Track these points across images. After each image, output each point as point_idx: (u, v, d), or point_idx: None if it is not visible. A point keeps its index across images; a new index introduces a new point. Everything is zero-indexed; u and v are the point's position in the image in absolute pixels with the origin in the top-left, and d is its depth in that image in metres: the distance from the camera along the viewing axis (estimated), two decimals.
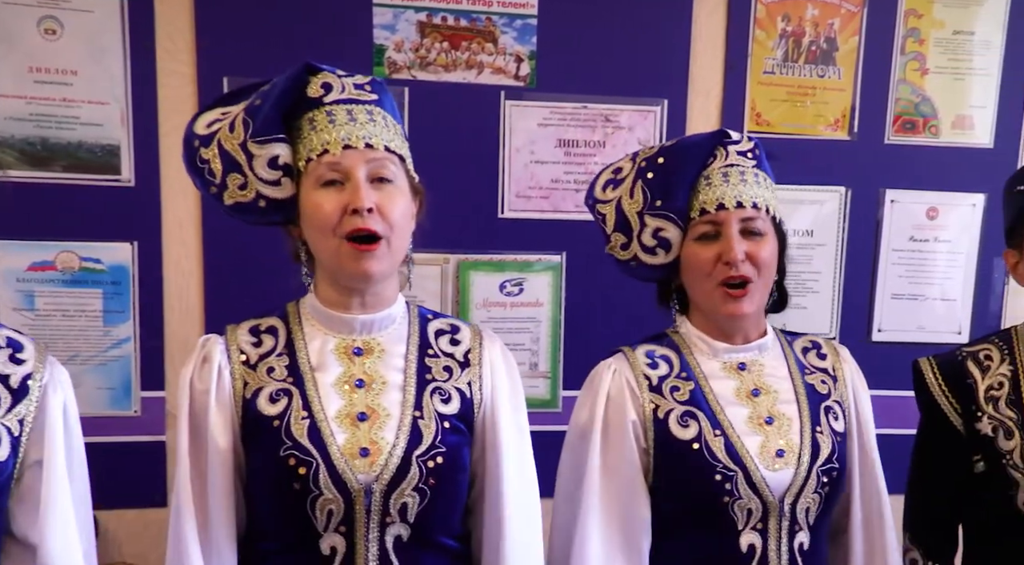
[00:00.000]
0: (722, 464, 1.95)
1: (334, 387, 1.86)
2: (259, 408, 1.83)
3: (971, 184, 3.30)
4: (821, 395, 2.09)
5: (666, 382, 2.04)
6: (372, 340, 1.92)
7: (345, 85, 1.86)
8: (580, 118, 3.07)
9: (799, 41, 3.14)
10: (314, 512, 1.78)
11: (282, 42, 2.87)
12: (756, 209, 2.00)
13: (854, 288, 3.31)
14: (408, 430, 1.85)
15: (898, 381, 3.06)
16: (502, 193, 3.07)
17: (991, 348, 2.29)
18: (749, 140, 2.11)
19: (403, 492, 1.82)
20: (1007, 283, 3.34)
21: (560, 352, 3.15)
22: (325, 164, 1.80)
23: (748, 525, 1.97)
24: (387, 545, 1.83)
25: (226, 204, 1.86)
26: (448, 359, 1.97)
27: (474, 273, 3.08)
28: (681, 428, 1.99)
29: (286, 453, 1.78)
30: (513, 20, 2.99)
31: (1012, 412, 2.17)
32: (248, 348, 1.88)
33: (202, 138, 1.86)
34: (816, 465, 1.99)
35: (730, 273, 1.97)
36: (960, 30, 3.22)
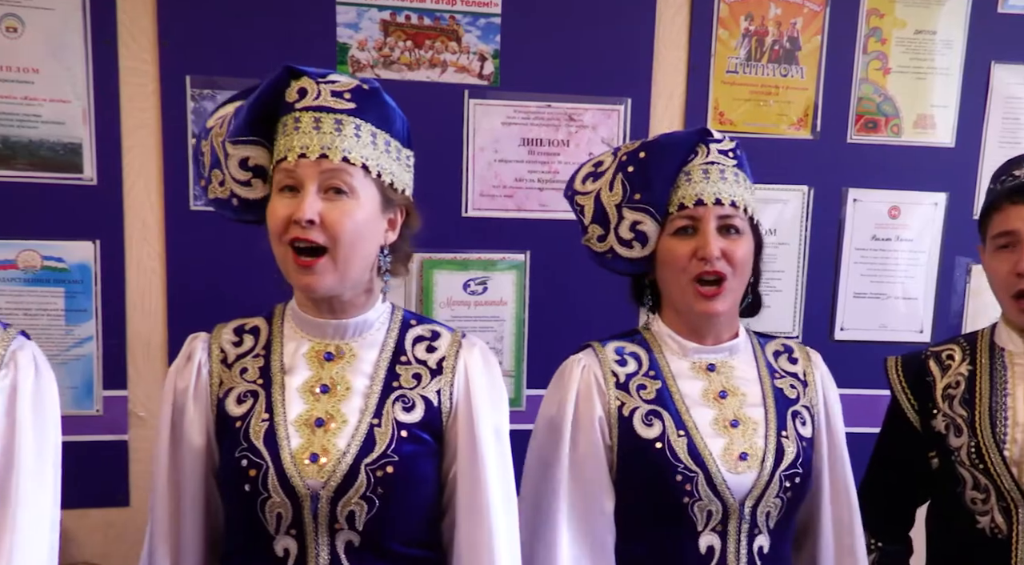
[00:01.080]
0: (683, 465, 1.99)
1: (299, 391, 1.88)
2: (227, 408, 1.87)
3: (933, 183, 3.36)
4: (789, 400, 2.14)
5: (633, 380, 2.09)
6: (344, 345, 1.94)
7: (321, 91, 1.82)
8: (544, 117, 3.12)
9: (762, 40, 3.20)
10: (264, 514, 1.81)
11: (245, 40, 2.91)
12: (734, 207, 2.04)
13: (817, 287, 3.37)
14: (362, 438, 1.86)
15: (860, 380, 3.16)
16: (466, 192, 3.12)
17: (955, 348, 2.38)
18: (731, 140, 2.15)
19: (350, 500, 1.83)
20: (968, 282, 3.40)
21: (524, 351, 3.21)
22: (283, 171, 1.80)
23: (708, 526, 2.01)
24: (338, 550, 1.85)
25: (208, 198, 1.93)
26: (420, 366, 1.96)
27: (438, 272, 3.12)
28: (645, 427, 2.03)
29: (240, 454, 1.82)
30: (477, 19, 3.04)
31: (964, 410, 2.25)
32: (228, 347, 1.93)
33: (205, 131, 1.92)
34: (779, 469, 2.03)
35: (705, 268, 2.01)
36: (922, 29, 3.27)
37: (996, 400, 2.24)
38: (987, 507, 2.21)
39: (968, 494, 2.24)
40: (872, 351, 3.27)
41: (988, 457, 2.19)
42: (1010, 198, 2.19)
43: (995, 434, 2.20)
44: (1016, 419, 2.20)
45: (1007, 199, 2.20)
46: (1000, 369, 2.28)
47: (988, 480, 2.19)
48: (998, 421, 2.21)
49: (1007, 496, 2.17)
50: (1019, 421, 2.20)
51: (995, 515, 2.20)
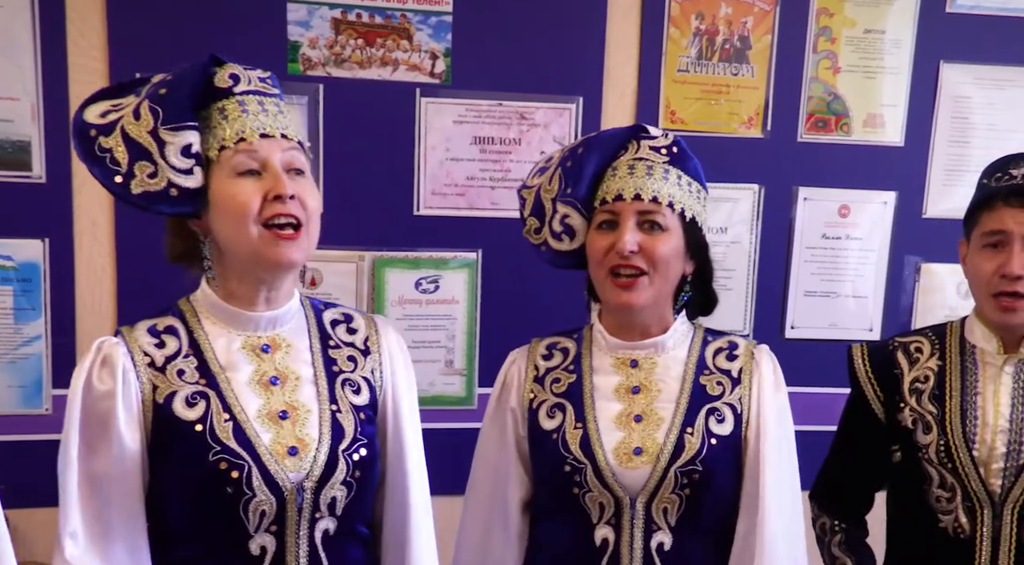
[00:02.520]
0: (572, 456, 2.10)
1: (249, 386, 1.91)
2: (176, 413, 1.84)
3: (882, 182, 3.43)
4: (709, 396, 2.17)
5: (551, 373, 2.21)
6: (277, 336, 1.98)
7: (251, 78, 1.92)
8: (495, 116, 3.20)
9: (713, 39, 3.28)
10: (246, 514, 1.83)
11: (195, 38, 2.95)
12: (656, 203, 2.09)
13: (767, 285, 3.44)
14: (329, 425, 1.93)
15: (810, 378, 3.24)
16: (418, 190, 3.19)
17: (923, 341, 2.41)
18: (669, 137, 2.20)
19: (332, 486, 1.90)
20: (917, 281, 3.49)
21: (476, 349, 3.28)
22: (243, 153, 1.84)
23: (602, 519, 2.10)
24: (316, 540, 1.91)
25: (134, 193, 1.84)
26: (350, 349, 2.06)
27: (389, 270, 3.19)
28: (548, 419, 2.16)
29: (216, 457, 1.82)
30: (428, 17, 3.10)
31: (933, 407, 2.30)
32: (151, 349, 1.89)
33: (99, 127, 1.86)
34: (675, 465, 2.08)
35: (619, 262, 2.07)
36: (871, 29, 3.35)
37: (967, 399, 2.28)
38: (952, 506, 2.26)
39: (933, 492, 2.29)
40: (822, 349, 3.36)
41: (957, 456, 2.24)
42: (1006, 199, 2.20)
43: (965, 433, 2.25)
44: (985, 419, 2.25)
45: (1002, 199, 2.21)
46: (971, 367, 2.32)
47: (955, 479, 2.25)
48: (968, 420, 2.26)
49: (973, 497, 2.23)
50: (988, 422, 2.25)
51: (959, 515, 2.25)
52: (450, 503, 3.25)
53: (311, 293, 3.07)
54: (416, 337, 3.23)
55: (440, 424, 3.22)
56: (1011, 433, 2.23)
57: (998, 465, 2.22)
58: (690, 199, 2.16)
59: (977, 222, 2.27)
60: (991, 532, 2.23)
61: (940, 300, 3.47)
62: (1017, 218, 2.18)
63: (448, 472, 3.14)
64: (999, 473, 2.22)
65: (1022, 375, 2.27)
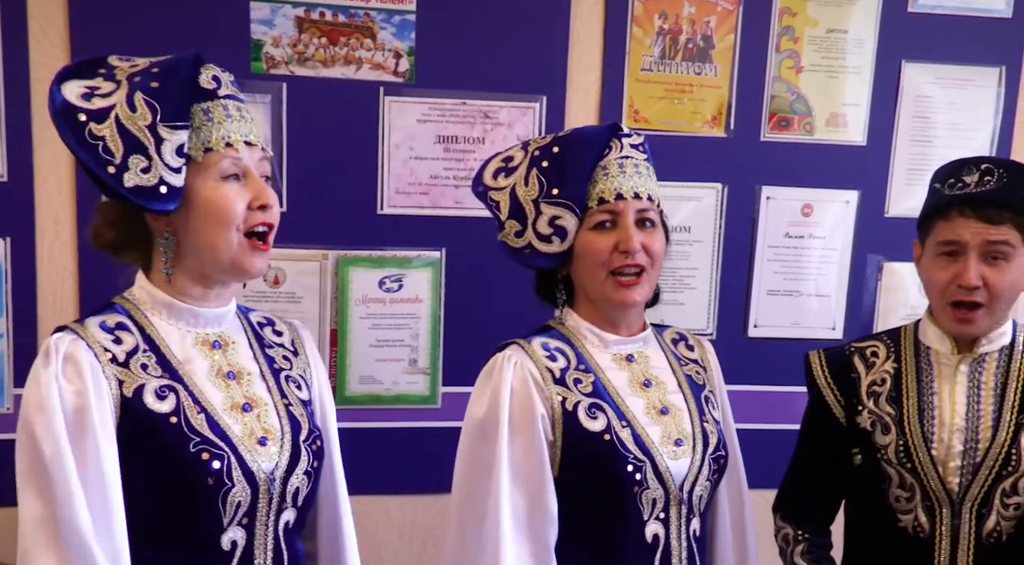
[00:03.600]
0: (632, 455, 2.11)
1: (209, 379, 1.96)
2: (148, 406, 1.86)
3: (845, 181, 3.49)
4: (699, 385, 2.31)
5: (568, 374, 2.19)
6: (223, 333, 2.03)
7: (226, 82, 1.98)
8: (459, 114, 3.24)
9: (676, 39, 3.32)
10: (224, 506, 1.87)
11: (158, 36, 2.97)
12: (651, 201, 2.18)
13: (731, 284, 3.49)
14: (287, 417, 2.02)
15: (773, 376, 3.31)
16: (381, 189, 3.22)
17: (879, 345, 2.49)
18: (638, 135, 2.28)
19: (297, 476, 1.99)
20: (880, 279, 3.55)
21: (439, 348, 3.31)
22: (229, 158, 1.91)
23: (652, 515, 2.14)
24: (279, 532, 1.99)
25: (126, 186, 1.84)
26: (281, 349, 2.14)
27: (353, 269, 3.22)
28: (590, 420, 2.13)
29: (197, 448, 1.85)
30: (392, 16, 3.14)
31: (891, 408, 2.38)
32: (110, 345, 1.89)
33: (91, 112, 1.85)
34: (708, 453, 2.19)
35: (626, 261, 2.13)
36: (834, 28, 3.40)
37: (924, 399, 2.36)
38: (911, 506, 2.34)
39: (893, 492, 2.36)
40: (785, 348, 3.42)
41: (916, 456, 2.31)
42: (960, 209, 2.25)
43: (924, 433, 2.32)
44: (943, 419, 2.33)
45: (956, 209, 2.25)
46: (926, 368, 2.39)
47: (914, 479, 2.32)
48: (926, 420, 2.33)
49: (932, 495, 2.30)
50: (945, 421, 2.32)
51: (919, 514, 2.32)
52: (414, 502, 3.33)
53: (275, 292, 3.14)
54: (380, 336, 3.27)
55: (404, 423, 3.29)
56: (967, 431, 2.31)
57: (955, 463, 2.30)
58: (660, 194, 2.27)
59: (931, 229, 2.33)
60: (950, 531, 2.31)
61: (902, 299, 3.52)
62: (972, 228, 2.23)
63: (412, 471, 3.23)
64: (957, 471, 2.30)
65: (976, 374, 2.34)
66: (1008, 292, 2.26)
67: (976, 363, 2.35)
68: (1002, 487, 2.28)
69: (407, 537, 3.27)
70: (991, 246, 2.23)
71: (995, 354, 2.36)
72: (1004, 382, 2.34)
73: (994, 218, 2.22)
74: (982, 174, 2.27)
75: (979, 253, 2.24)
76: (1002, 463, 2.28)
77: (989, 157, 2.50)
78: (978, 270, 2.23)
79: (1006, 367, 2.36)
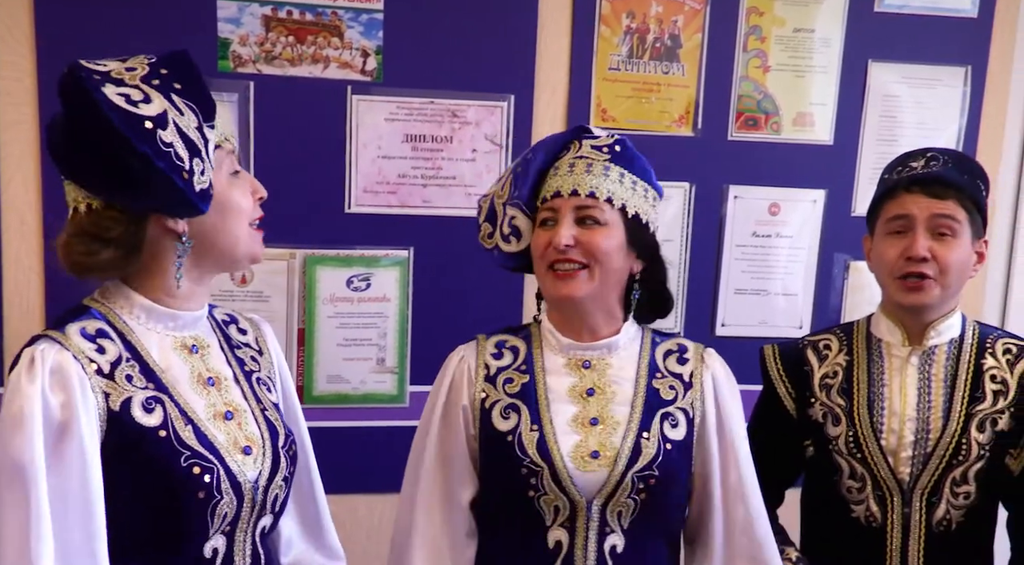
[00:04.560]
0: (529, 459, 2.15)
1: (190, 386, 1.94)
2: (137, 420, 1.83)
3: (812, 180, 3.55)
4: (663, 401, 2.24)
5: (503, 373, 2.26)
6: (198, 335, 2.01)
7: None
8: (427, 113, 3.28)
9: (643, 38, 3.38)
10: (212, 518, 1.87)
11: (125, 35, 3.01)
12: (593, 198, 2.16)
13: (698, 283, 3.54)
14: (265, 424, 2.02)
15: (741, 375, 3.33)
16: (349, 188, 3.27)
17: (832, 338, 2.57)
18: (612, 136, 2.28)
19: (277, 484, 2.01)
20: (847, 278, 3.62)
21: (407, 347, 3.37)
22: (230, 155, 1.97)
23: (556, 522, 2.17)
24: (256, 539, 2.00)
25: (196, 191, 1.82)
26: (248, 349, 2.14)
27: (321, 268, 3.27)
28: (502, 420, 2.21)
29: (188, 463, 1.84)
30: (359, 15, 3.19)
31: (842, 400, 2.45)
32: (95, 355, 1.84)
33: (154, 119, 1.78)
34: (632, 470, 2.15)
35: (557, 256, 2.15)
36: (801, 28, 3.46)
37: (874, 390, 2.43)
38: (863, 496, 2.42)
39: (844, 483, 2.44)
40: (753, 346, 3.31)
41: (866, 446, 2.40)
42: (907, 187, 2.36)
43: (873, 424, 2.40)
44: (893, 409, 2.41)
45: (904, 188, 2.37)
46: (877, 360, 2.47)
47: (865, 469, 2.40)
48: (876, 411, 2.41)
49: (883, 485, 2.39)
50: (896, 411, 2.40)
51: (870, 504, 2.41)
52: (382, 501, 3.38)
53: (242, 291, 3.18)
54: (347, 335, 3.32)
55: (372, 422, 3.36)
56: (918, 422, 2.39)
57: (906, 453, 2.38)
58: (634, 197, 2.22)
59: (880, 212, 2.44)
60: (901, 519, 2.40)
61: (868, 297, 3.54)
62: (919, 203, 2.34)
63: (380, 470, 3.27)
64: (907, 461, 2.38)
65: (926, 366, 2.43)
66: (955, 268, 2.35)
67: (926, 355, 2.44)
68: (952, 476, 2.36)
69: (375, 536, 3.31)
70: (938, 219, 2.33)
71: (944, 346, 2.44)
72: (954, 374, 2.42)
73: (940, 193, 2.34)
74: (928, 160, 2.41)
75: (927, 227, 2.34)
76: (952, 453, 2.36)
77: (935, 148, 2.57)
78: (926, 243, 2.32)
79: (955, 359, 2.43)
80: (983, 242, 2.43)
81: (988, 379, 2.42)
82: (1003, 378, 2.42)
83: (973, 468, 2.37)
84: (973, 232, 2.37)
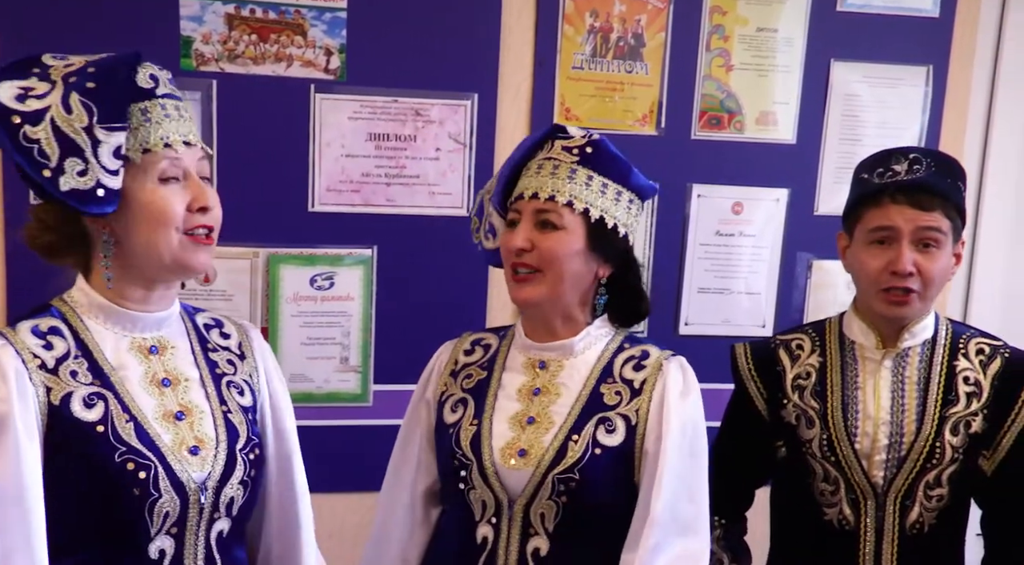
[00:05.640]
0: (461, 451, 2.24)
1: (142, 386, 1.95)
2: (75, 414, 1.86)
3: (775, 179, 3.60)
4: (604, 405, 2.23)
5: (466, 369, 2.36)
6: (162, 337, 2.04)
7: (164, 80, 1.97)
8: (391, 112, 3.32)
9: (607, 37, 3.42)
10: (150, 516, 1.88)
11: (85, 33, 3.04)
12: (552, 202, 2.18)
13: (662, 282, 3.57)
14: (224, 425, 2.02)
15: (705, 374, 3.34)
16: (312, 187, 3.31)
17: (804, 338, 2.58)
18: (584, 138, 2.27)
19: (231, 486, 2.00)
20: (809, 277, 3.68)
21: (371, 346, 3.41)
22: (168, 159, 1.90)
23: (484, 518, 2.23)
24: (211, 541, 2.00)
25: (62, 190, 1.82)
26: (227, 353, 2.15)
27: (284, 267, 3.31)
28: (451, 413, 2.32)
29: (122, 458, 1.86)
30: (322, 13, 3.23)
31: (815, 402, 2.46)
32: (40, 351, 1.89)
33: (24, 114, 1.82)
34: (554, 471, 2.17)
35: (514, 260, 2.20)
36: (764, 27, 3.51)
37: (848, 393, 2.44)
38: (836, 499, 2.43)
39: (818, 486, 2.45)
40: (716, 345, 3.39)
41: (840, 450, 2.40)
42: (892, 196, 2.32)
43: (847, 427, 2.40)
44: (867, 412, 2.41)
45: (889, 196, 2.32)
46: (851, 362, 2.47)
47: (838, 472, 2.41)
48: (850, 414, 2.41)
49: (856, 488, 2.40)
50: (870, 415, 2.40)
51: (843, 507, 2.42)
52: (345, 500, 3.42)
53: (206, 290, 3.18)
54: (311, 334, 3.37)
55: (335, 421, 3.40)
56: (892, 425, 2.39)
57: (880, 457, 2.39)
58: (602, 200, 2.23)
59: (861, 217, 2.40)
60: (875, 523, 2.41)
61: (832, 296, 3.65)
62: (905, 215, 2.31)
63: (343, 469, 3.31)
64: (881, 465, 2.39)
65: (900, 369, 2.43)
66: (939, 279, 2.35)
67: (900, 357, 2.44)
68: (926, 479, 2.38)
69: (337, 536, 3.33)
70: (923, 232, 2.31)
71: (918, 348, 2.44)
72: (927, 376, 2.42)
73: (926, 204, 2.31)
74: (911, 163, 2.35)
75: (911, 240, 2.31)
76: (927, 456, 2.37)
77: (915, 147, 2.62)
78: (911, 257, 2.30)
79: (928, 361, 2.44)
80: (960, 243, 2.42)
81: (961, 381, 2.42)
82: (976, 380, 2.42)
83: (947, 471, 2.39)
84: (954, 238, 2.37)
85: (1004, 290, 3.91)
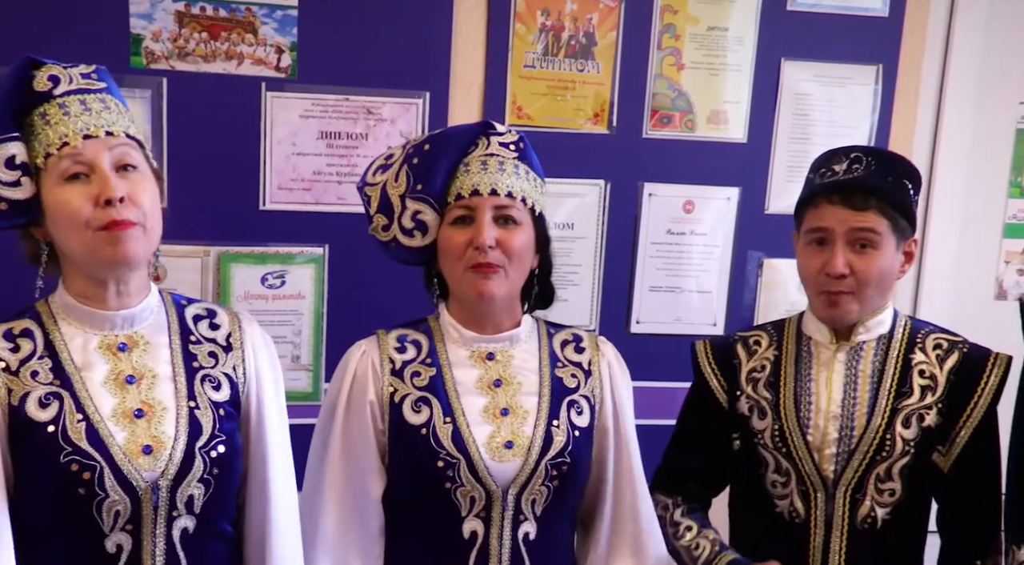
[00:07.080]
0: (445, 451, 2.25)
1: (104, 385, 2.00)
2: (29, 414, 1.93)
3: (726, 178, 3.67)
4: (568, 389, 2.38)
5: (409, 367, 2.35)
6: (135, 334, 2.08)
7: (72, 76, 1.99)
8: (342, 110, 3.37)
9: (559, 35, 3.47)
10: (100, 514, 1.93)
11: (33, 31, 3.06)
12: (511, 198, 2.26)
13: (613, 280, 3.64)
14: (187, 422, 2.04)
15: (656, 372, 3.48)
16: (263, 185, 3.34)
17: (763, 335, 2.67)
18: (515, 133, 2.36)
19: (189, 484, 2.01)
20: (760, 276, 3.75)
21: (323, 345, 3.44)
22: (67, 157, 1.92)
23: (472, 512, 2.27)
24: (174, 538, 2.02)
25: None
26: (211, 344, 2.17)
27: (235, 265, 3.34)
28: (414, 413, 2.30)
29: (67, 459, 1.91)
30: (273, 11, 3.27)
31: (768, 393, 2.54)
32: (5, 354, 1.97)
33: None
34: (546, 458, 2.28)
35: (479, 259, 2.22)
36: (714, 26, 3.57)
37: (801, 386, 2.50)
38: (787, 491, 2.50)
39: (769, 477, 2.52)
40: (667, 344, 3.61)
41: (791, 441, 2.47)
42: (827, 196, 2.39)
43: (799, 419, 2.47)
44: (819, 405, 2.47)
45: (824, 197, 2.39)
46: (806, 355, 2.53)
47: (790, 464, 2.48)
48: (803, 406, 2.48)
49: (807, 480, 2.47)
50: (822, 408, 2.47)
51: (794, 499, 2.49)
52: None
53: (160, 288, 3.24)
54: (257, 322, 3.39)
55: None
56: (843, 419, 2.46)
57: (831, 450, 2.46)
58: (536, 193, 2.35)
59: (803, 218, 2.49)
60: (824, 516, 2.47)
61: (782, 295, 3.73)
62: (838, 216, 2.37)
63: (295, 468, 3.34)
64: (832, 458, 2.46)
65: (854, 362, 2.50)
66: (876, 279, 2.40)
67: (854, 351, 2.50)
68: (876, 472, 2.43)
69: None
70: (857, 233, 2.37)
71: (872, 343, 2.51)
72: (881, 369, 2.48)
73: (859, 204, 2.36)
74: (851, 162, 2.41)
75: (846, 241, 2.37)
76: (876, 448, 2.43)
77: (861, 146, 2.67)
78: (845, 258, 2.36)
79: (883, 355, 2.49)
80: (912, 242, 2.47)
81: (916, 374, 2.46)
82: (932, 373, 2.46)
83: (898, 464, 2.43)
84: (898, 236, 2.41)
85: (952, 288, 3.96)
